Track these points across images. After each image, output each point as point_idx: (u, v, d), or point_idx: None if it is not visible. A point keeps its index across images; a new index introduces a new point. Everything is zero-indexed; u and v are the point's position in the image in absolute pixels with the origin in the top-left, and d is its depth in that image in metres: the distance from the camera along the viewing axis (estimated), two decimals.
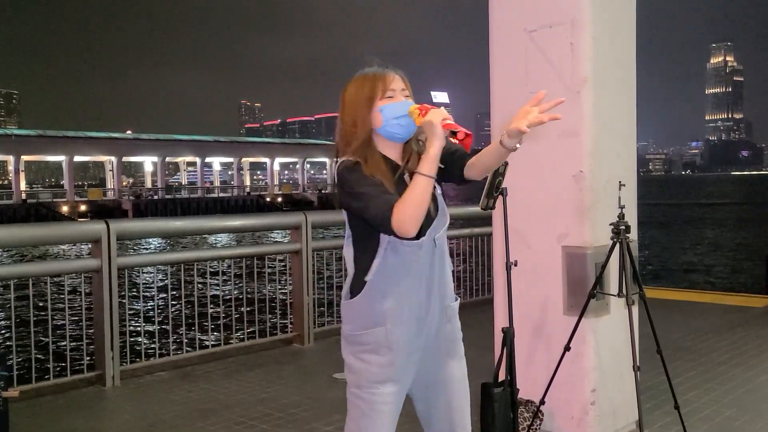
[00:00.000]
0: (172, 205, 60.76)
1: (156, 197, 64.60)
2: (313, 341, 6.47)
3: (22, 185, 60.32)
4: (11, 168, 59.83)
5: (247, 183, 79.73)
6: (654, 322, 3.72)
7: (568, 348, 3.71)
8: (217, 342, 6.10)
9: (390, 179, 2.15)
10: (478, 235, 8.28)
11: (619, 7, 4.09)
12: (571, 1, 3.83)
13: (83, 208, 57.19)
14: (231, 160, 75.07)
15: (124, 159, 67.58)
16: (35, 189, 76.44)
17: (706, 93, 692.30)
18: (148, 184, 73.64)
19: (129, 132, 77.21)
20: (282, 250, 6.78)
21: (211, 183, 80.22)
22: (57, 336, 5.76)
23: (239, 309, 6.90)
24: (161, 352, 5.96)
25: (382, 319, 2.17)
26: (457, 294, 2.43)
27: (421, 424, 2.41)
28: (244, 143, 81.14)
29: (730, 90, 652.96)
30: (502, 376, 3.64)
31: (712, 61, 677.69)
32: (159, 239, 29.77)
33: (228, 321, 6.38)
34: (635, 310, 3.94)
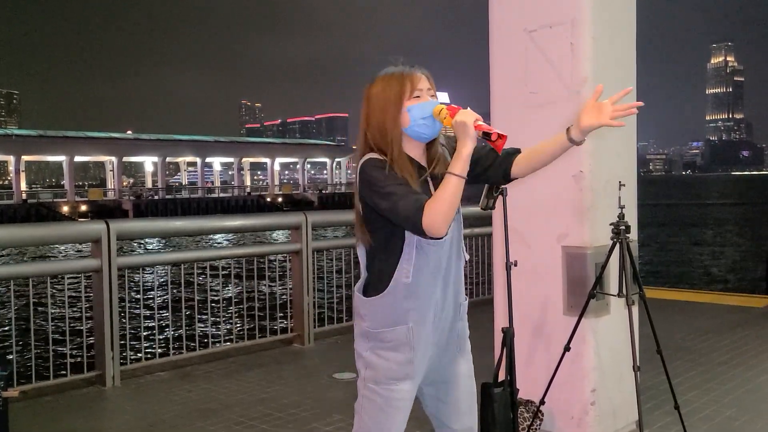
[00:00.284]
0: (173, 205, 60.76)
1: (156, 197, 64.61)
2: (313, 341, 6.47)
3: (23, 185, 60.34)
4: (12, 168, 59.85)
5: (248, 183, 79.75)
6: (654, 322, 3.72)
7: (568, 348, 3.71)
8: (217, 341, 6.10)
9: (415, 180, 2.14)
10: (478, 235, 8.27)
11: (619, 7, 4.09)
12: (571, 1, 3.83)
13: (84, 208, 57.20)
14: (231, 160, 75.09)
15: (125, 159, 67.60)
16: (36, 189, 76.41)
17: (707, 93, 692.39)
18: (149, 184, 73.68)
19: (129, 132, 77.27)
20: (282, 250, 6.78)
21: (211, 183, 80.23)
22: (57, 336, 5.76)
23: (239, 309, 6.90)
24: (161, 352, 5.96)
25: (405, 318, 2.18)
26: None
27: (431, 422, 2.42)
28: (244, 143, 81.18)
29: (731, 90, 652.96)
30: (502, 376, 3.64)
31: (712, 61, 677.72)
32: (160, 239, 29.77)
33: (228, 321, 6.38)
34: (635, 310, 3.94)
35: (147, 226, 6.33)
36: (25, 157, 59.80)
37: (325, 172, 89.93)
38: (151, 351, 6.08)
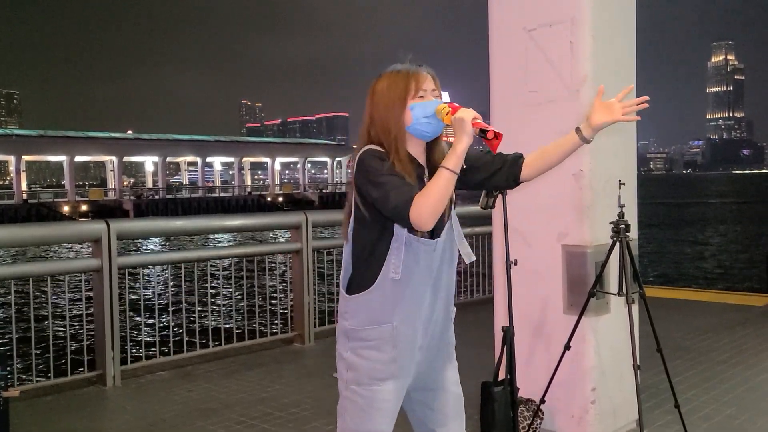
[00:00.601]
0: (173, 204, 60.78)
1: (157, 197, 64.62)
2: (314, 341, 6.47)
3: (23, 185, 60.35)
4: (12, 168, 59.86)
5: (248, 183, 79.78)
6: (654, 320, 3.72)
7: (568, 347, 3.71)
8: (218, 341, 6.10)
9: (413, 178, 2.14)
10: (478, 235, 8.27)
11: (619, 6, 4.09)
12: (570, 0, 3.83)
13: (84, 208, 57.22)
14: (232, 159, 75.09)
15: (125, 159, 67.60)
16: (36, 189, 76.44)
17: (707, 92, 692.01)
18: (149, 184, 73.68)
19: (130, 132, 77.28)
20: (282, 249, 6.78)
21: (212, 183, 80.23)
22: (58, 335, 5.76)
23: (240, 308, 6.90)
24: (162, 351, 5.96)
25: (390, 316, 2.15)
26: (456, 292, 2.44)
27: (416, 430, 2.38)
28: (244, 143, 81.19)
29: (731, 89, 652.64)
30: (502, 375, 3.64)
31: (712, 60, 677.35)
32: (162, 240, 29.78)
33: (229, 320, 6.38)
34: (635, 308, 3.94)
35: (147, 225, 6.33)
36: (25, 157, 59.81)
37: (325, 171, 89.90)
38: (151, 350, 6.09)
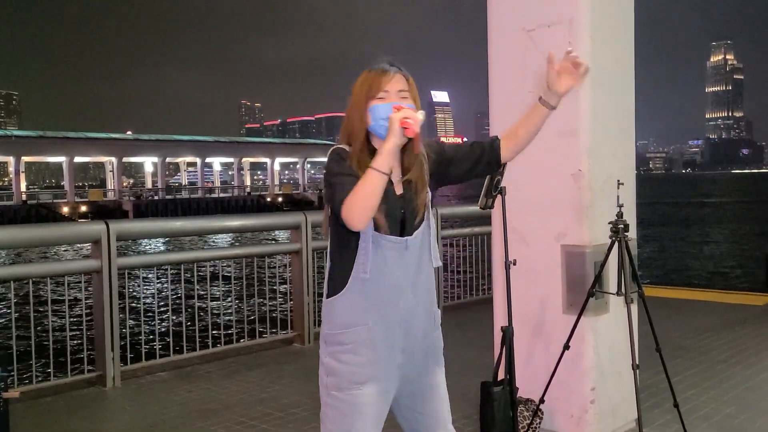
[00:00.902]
0: (173, 205, 60.76)
1: (156, 198, 64.61)
2: (314, 341, 6.47)
3: (23, 186, 60.31)
4: (11, 169, 59.82)
5: (248, 183, 79.73)
6: (653, 320, 3.72)
7: (567, 347, 3.71)
8: (218, 341, 6.11)
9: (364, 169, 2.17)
10: (477, 235, 8.27)
11: (617, 7, 4.10)
12: (569, 1, 3.84)
13: (84, 208, 57.20)
14: (231, 160, 75.06)
15: (125, 159, 67.57)
16: (35, 190, 76.40)
17: (706, 91, 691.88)
18: (149, 185, 73.66)
19: (129, 132, 77.26)
20: (282, 250, 6.79)
21: (211, 183, 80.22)
22: (58, 336, 5.76)
23: (240, 309, 6.90)
24: (162, 352, 5.96)
25: (364, 318, 2.16)
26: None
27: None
28: (244, 143, 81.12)
29: (730, 88, 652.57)
30: (501, 375, 3.65)
31: (712, 60, 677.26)
32: (164, 240, 29.78)
33: (228, 321, 6.39)
34: (634, 308, 3.95)
35: (147, 226, 6.33)
36: (25, 158, 59.77)
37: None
38: (151, 351, 6.09)
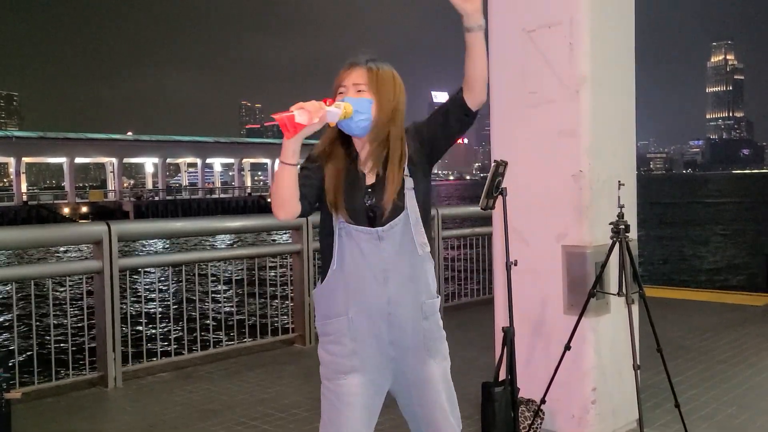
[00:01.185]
0: (173, 206, 60.78)
1: (157, 198, 64.63)
2: (314, 342, 6.48)
3: (23, 187, 60.36)
4: (12, 170, 59.88)
5: (248, 184, 79.79)
6: (654, 320, 3.73)
7: (568, 347, 3.72)
8: (219, 342, 6.11)
9: (338, 165, 2.21)
10: (478, 235, 8.28)
11: (618, 7, 4.10)
12: (569, 2, 3.85)
13: (84, 209, 57.24)
14: (232, 160, 75.11)
15: (125, 160, 67.64)
16: (34, 191, 76.39)
17: (707, 92, 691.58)
18: (149, 186, 73.69)
19: (130, 133, 77.34)
20: (283, 250, 6.79)
21: (212, 184, 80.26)
22: (59, 337, 5.77)
23: (240, 309, 6.91)
24: (163, 353, 5.97)
25: (345, 309, 2.17)
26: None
27: (409, 426, 2.35)
28: (244, 144, 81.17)
29: (731, 88, 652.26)
30: (502, 376, 3.65)
31: (712, 60, 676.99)
32: (165, 241, 29.78)
33: (229, 321, 6.39)
34: (635, 308, 3.95)
35: (148, 227, 6.34)
36: (25, 159, 59.83)
37: None
38: (152, 352, 6.10)
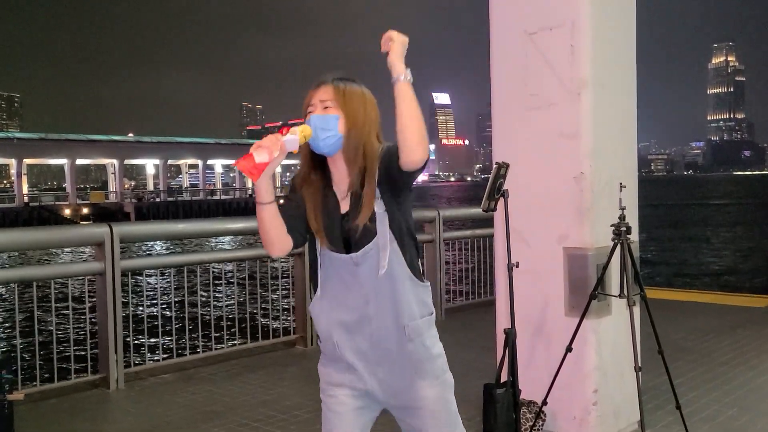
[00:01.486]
0: (174, 207, 60.83)
1: (158, 200, 64.68)
2: (317, 343, 6.47)
3: (24, 188, 60.43)
4: (13, 171, 59.94)
5: (249, 185, 79.79)
6: (655, 322, 3.74)
7: (569, 349, 3.72)
8: (221, 344, 6.12)
9: (315, 191, 2.19)
10: (479, 237, 8.29)
11: (619, 9, 4.11)
12: (570, 4, 3.85)
13: (85, 211, 57.29)
14: (232, 162, 75.15)
15: (126, 161, 67.73)
16: (35, 192, 76.45)
17: (708, 93, 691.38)
18: (150, 187, 73.76)
19: (131, 134, 77.43)
20: None
21: (213, 185, 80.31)
22: (61, 339, 5.79)
23: (242, 311, 6.91)
24: (165, 354, 5.98)
25: (329, 333, 2.23)
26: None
27: None
28: (246, 145, 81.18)
29: (732, 90, 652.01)
30: (504, 377, 3.66)
31: (713, 61, 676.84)
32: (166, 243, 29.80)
33: (231, 323, 6.40)
34: (636, 310, 3.96)
35: (150, 229, 6.35)
36: (26, 161, 59.91)
37: None
38: (155, 353, 6.11)
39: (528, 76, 4.05)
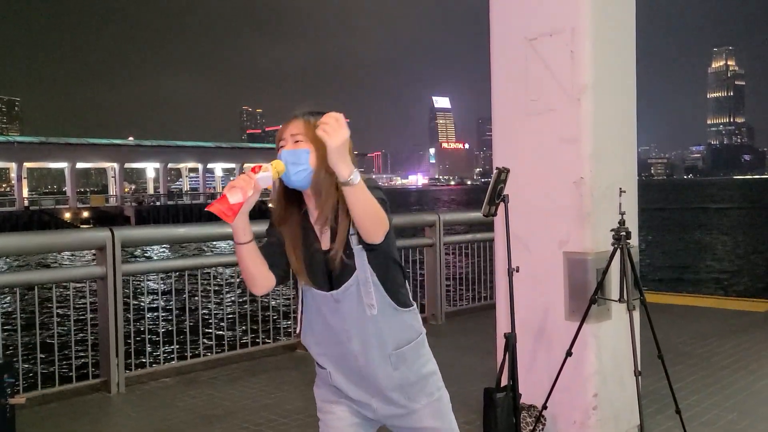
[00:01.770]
0: (174, 211, 60.83)
1: (158, 203, 64.69)
2: None
3: (25, 192, 60.46)
4: (14, 175, 59.97)
5: None
6: (655, 326, 3.75)
7: (569, 353, 3.73)
8: (222, 348, 6.13)
9: (294, 228, 2.16)
10: (480, 241, 8.30)
11: (619, 15, 4.13)
12: (570, 10, 3.87)
13: (85, 214, 57.31)
14: (233, 165, 75.17)
15: (127, 165, 67.79)
16: (34, 197, 76.48)
17: (708, 97, 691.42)
18: (151, 191, 73.80)
19: (131, 138, 77.50)
20: None
21: (213, 189, 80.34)
22: (62, 343, 5.79)
23: (243, 315, 6.92)
24: (166, 358, 5.99)
25: (322, 361, 2.27)
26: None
27: None
28: (246, 149, 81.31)
29: (732, 94, 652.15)
30: (504, 381, 3.67)
31: (713, 66, 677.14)
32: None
33: (232, 327, 6.41)
34: (636, 315, 3.97)
35: (151, 233, 6.36)
36: (27, 164, 59.97)
37: None
38: (156, 357, 6.11)
39: (528, 81, 4.07)
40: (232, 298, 6.64)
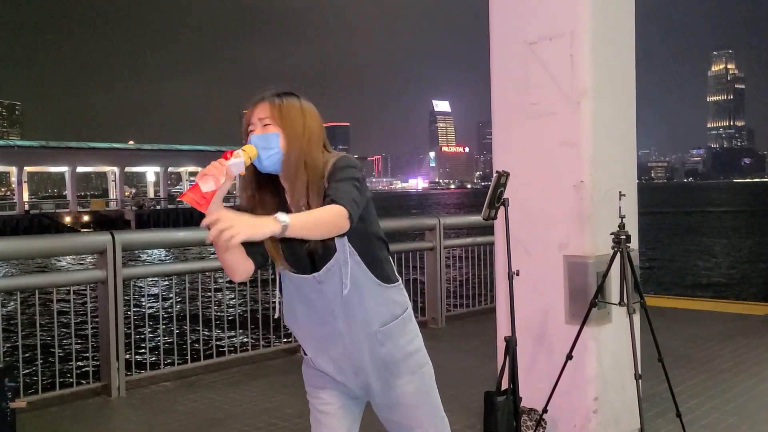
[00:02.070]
0: (175, 215, 60.83)
1: (159, 207, 64.69)
2: None
3: (25, 196, 60.45)
4: (14, 179, 59.99)
5: None
6: (655, 330, 3.75)
7: (570, 356, 3.74)
8: (222, 351, 6.13)
9: (267, 212, 2.02)
10: (480, 245, 8.30)
11: (618, 18, 4.14)
12: (570, 14, 3.89)
13: (86, 218, 57.32)
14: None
15: (127, 169, 67.77)
16: (35, 201, 76.50)
17: (708, 100, 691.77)
18: (151, 195, 73.81)
19: (131, 142, 77.52)
20: None
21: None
22: (63, 347, 5.79)
23: (243, 318, 6.93)
24: (166, 362, 5.99)
25: (304, 344, 2.28)
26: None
27: None
28: None
29: (732, 97, 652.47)
30: (505, 385, 3.68)
31: (713, 69, 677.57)
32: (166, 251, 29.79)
33: (232, 331, 6.41)
34: (636, 318, 3.97)
35: (152, 237, 6.37)
36: (27, 168, 59.96)
37: None
38: (156, 361, 6.11)
39: (528, 85, 4.08)
40: (233, 302, 6.64)
